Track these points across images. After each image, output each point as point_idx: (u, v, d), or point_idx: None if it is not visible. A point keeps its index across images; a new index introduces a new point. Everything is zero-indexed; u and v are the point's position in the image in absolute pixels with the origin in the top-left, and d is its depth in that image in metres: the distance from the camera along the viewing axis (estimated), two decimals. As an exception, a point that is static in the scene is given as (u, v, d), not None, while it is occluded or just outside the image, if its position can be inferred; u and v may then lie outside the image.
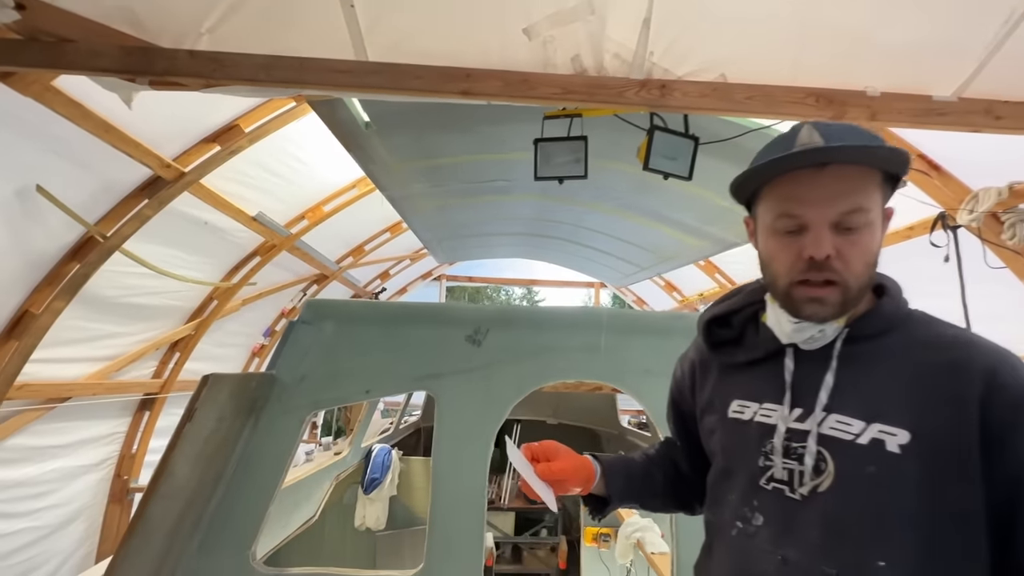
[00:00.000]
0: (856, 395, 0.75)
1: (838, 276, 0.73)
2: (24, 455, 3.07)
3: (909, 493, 0.68)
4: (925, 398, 0.71)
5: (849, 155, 0.72)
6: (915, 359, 0.74)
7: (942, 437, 0.68)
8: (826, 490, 0.73)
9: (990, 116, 1.70)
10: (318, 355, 1.74)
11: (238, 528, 1.55)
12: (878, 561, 0.68)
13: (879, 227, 0.76)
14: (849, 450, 0.72)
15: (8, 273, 2.56)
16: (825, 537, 0.72)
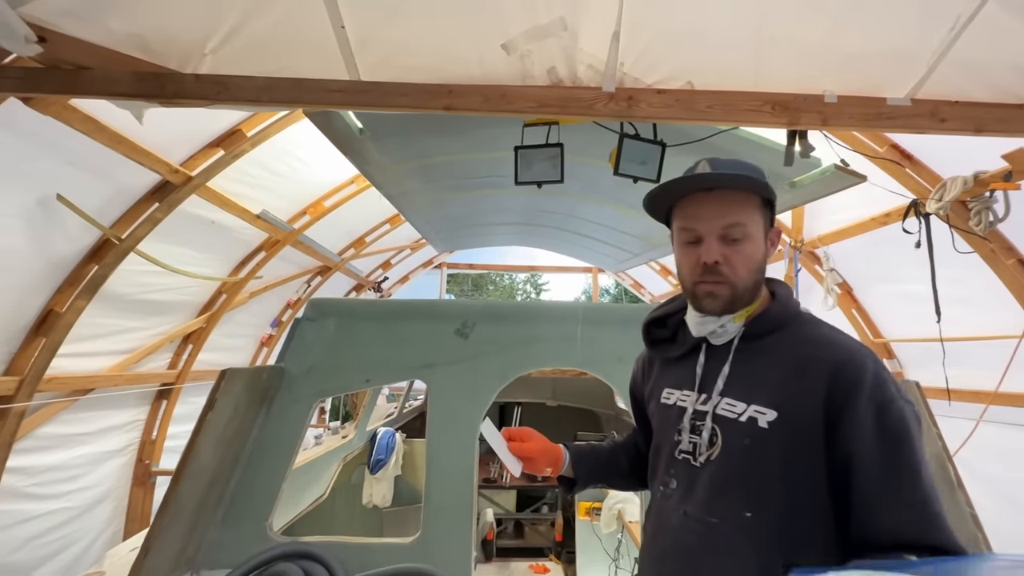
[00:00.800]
0: (742, 382, 0.94)
1: (725, 278, 0.93)
2: (54, 442, 3.31)
3: (773, 461, 0.86)
4: (790, 385, 0.88)
5: (722, 181, 0.94)
6: (789, 354, 0.92)
7: (798, 417, 0.86)
8: (715, 458, 0.92)
9: (935, 118, 1.83)
10: (322, 349, 1.92)
11: (256, 503, 1.76)
12: (746, 512, 0.87)
13: (760, 240, 0.95)
14: (732, 426, 0.91)
15: (33, 275, 2.75)
16: (711, 494, 0.91)
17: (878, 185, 3.05)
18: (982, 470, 3.21)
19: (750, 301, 0.97)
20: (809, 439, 0.84)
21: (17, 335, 2.82)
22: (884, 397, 0.82)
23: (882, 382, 0.84)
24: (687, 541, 0.93)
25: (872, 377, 0.83)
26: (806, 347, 0.91)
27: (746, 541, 0.86)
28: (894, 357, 4.18)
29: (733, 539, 0.87)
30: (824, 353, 0.88)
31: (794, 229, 4.37)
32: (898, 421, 0.81)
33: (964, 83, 1.88)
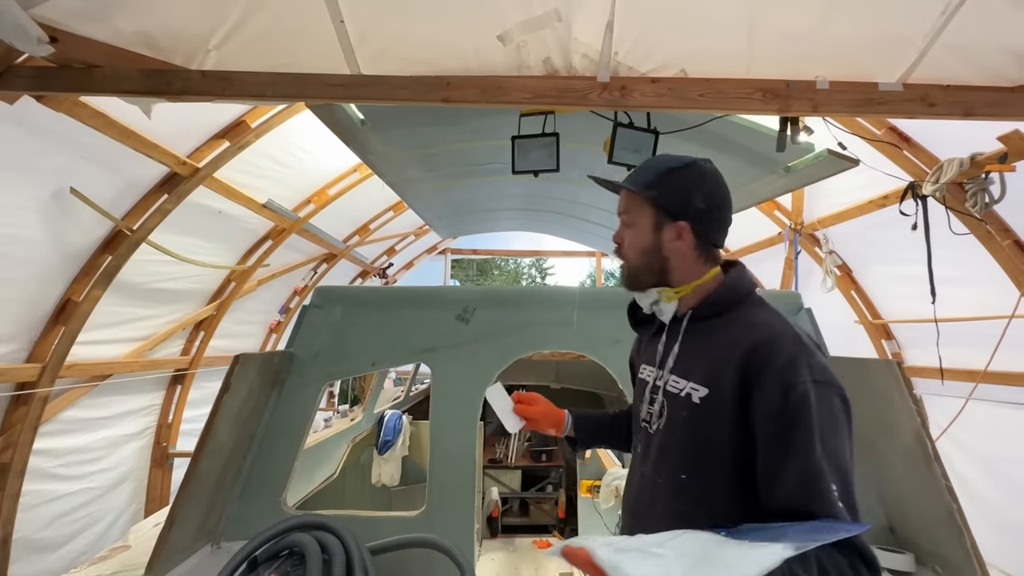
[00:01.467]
0: (685, 361, 1.06)
1: (623, 255, 1.13)
2: (77, 426, 3.46)
3: (703, 432, 0.97)
4: (718, 365, 0.97)
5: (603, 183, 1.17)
6: (726, 335, 1.00)
7: (721, 394, 0.95)
8: (662, 427, 1.06)
9: (924, 103, 1.86)
10: (329, 334, 2.01)
11: (270, 479, 1.87)
12: (682, 475, 1.00)
13: (646, 230, 1.10)
14: (675, 400, 1.03)
15: (51, 266, 2.86)
16: (658, 457, 1.05)
17: (875, 168, 3.07)
18: (972, 446, 3.29)
19: (650, 282, 1.11)
20: (729, 414, 0.93)
21: (37, 324, 2.94)
22: (790, 380, 0.87)
23: (792, 365, 0.89)
24: (641, 498, 1.09)
25: (783, 360, 0.90)
26: (738, 329, 0.99)
27: (681, 499, 1.00)
28: (893, 338, 4.23)
29: (671, 497, 1.01)
30: (746, 335, 0.96)
31: (794, 212, 4.40)
32: (797, 402, 0.86)
33: (955, 66, 1.90)
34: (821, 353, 0.95)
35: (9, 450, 2.85)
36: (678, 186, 1.08)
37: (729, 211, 1.12)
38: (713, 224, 1.09)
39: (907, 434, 1.61)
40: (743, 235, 5.42)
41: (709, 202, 1.08)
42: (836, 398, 0.88)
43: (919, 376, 3.90)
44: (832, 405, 0.87)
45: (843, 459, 0.84)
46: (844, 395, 0.90)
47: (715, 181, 1.10)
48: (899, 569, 1.65)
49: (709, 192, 1.08)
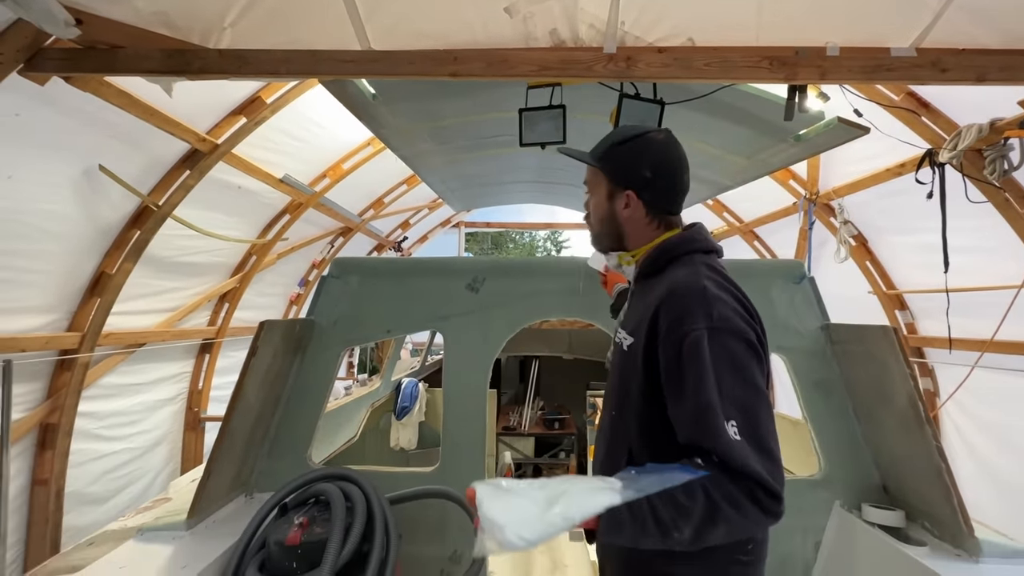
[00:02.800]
0: (628, 314, 1.22)
1: (589, 223, 1.26)
2: (116, 391, 3.69)
3: (625, 376, 1.12)
4: (641, 318, 1.09)
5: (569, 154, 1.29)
6: (651, 292, 1.10)
7: (639, 344, 1.07)
8: (610, 371, 1.24)
9: (936, 69, 1.83)
10: (347, 303, 2.12)
11: (296, 437, 2.02)
12: (612, 411, 1.19)
13: (602, 197, 1.20)
14: (617, 348, 1.19)
15: (85, 240, 3.01)
16: (608, 397, 1.24)
17: (891, 136, 3.01)
18: (980, 414, 3.31)
19: (610, 246, 1.24)
20: (642, 362, 1.05)
21: (75, 295, 3.12)
22: (684, 329, 0.95)
23: (689, 314, 0.96)
24: (605, 433, 1.23)
25: (680, 311, 0.98)
26: (660, 286, 1.08)
27: (612, 436, 1.18)
28: (907, 308, 4.21)
29: (608, 431, 1.20)
30: (660, 289, 1.06)
31: (809, 181, 4.33)
32: (690, 348, 0.93)
33: (971, 29, 1.86)
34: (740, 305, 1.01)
35: (56, 412, 3.08)
36: (626, 157, 1.17)
37: (679, 178, 1.17)
38: (661, 192, 1.17)
39: (902, 398, 1.66)
40: (757, 205, 5.36)
41: (656, 171, 1.15)
42: (737, 341, 0.94)
43: (931, 346, 3.90)
44: (730, 348, 0.93)
45: (746, 397, 0.90)
46: (749, 338, 0.96)
47: (663, 150, 1.16)
48: (889, 524, 1.73)
49: (656, 162, 1.15)
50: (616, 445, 1.15)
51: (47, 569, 1.62)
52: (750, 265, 3.06)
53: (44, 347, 2.96)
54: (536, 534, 0.80)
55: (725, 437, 0.86)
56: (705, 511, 0.84)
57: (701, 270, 1.07)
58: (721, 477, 0.85)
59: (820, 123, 2.32)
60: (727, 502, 0.84)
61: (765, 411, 0.91)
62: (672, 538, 0.85)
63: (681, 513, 0.84)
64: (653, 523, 0.85)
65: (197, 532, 1.64)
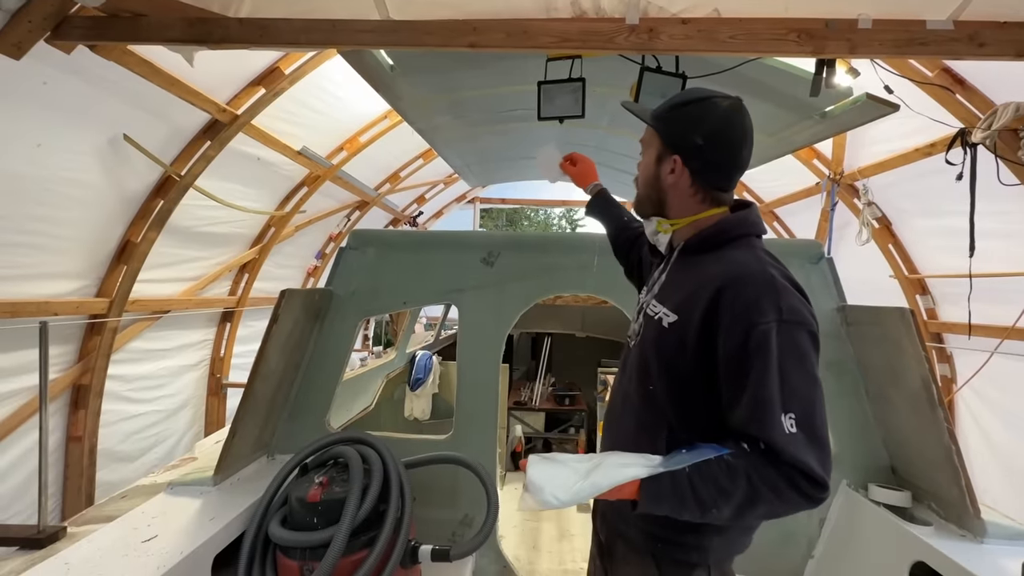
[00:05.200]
0: (667, 289, 1.13)
1: (636, 182, 1.20)
2: (142, 356, 3.84)
3: (667, 353, 1.05)
4: (692, 296, 1.02)
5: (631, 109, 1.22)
6: (704, 271, 1.04)
7: (687, 324, 1.01)
8: (637, 344, 1.16)
9: (973, 43, 1.75)
10: (364, 274, 2.16)
11: (314, 402, 2.09)
12: (649, 386, 1.09)
13: (651, 161, 1.14)
14: (649, 322, 1.12)
15: (111, 209, 3.09)
16: (632, 371, 1.16)
17: (923, 114, 2.91)
18: (998, 401, 3.27)
19: (650, 211, 1.18)
20: (692, 343, 1.00)
21: (103, 262, 3.22)
22: (753, 320, 0.92)
23: (757, 306, 0.93)
24: (614, 406, 1.22)
25: (748, 300, 0.94)
26: (717, 267, 1.02)
27: (645, 408, 1.10)
28: (928, 293, 4.13)
29: (638, 406, 1.12)
30: (721, 273, 0.99)
31: (833, 161, 4.22)
32: (758, 341, 0.91)
33: (1014, 1, 1.77)
34: (801, 296, 0.98)
35: (88, 373, 3.22)
36: (682, 120, 1.08)
37: (735, 153, 1.07)
38: (711, 164, 1.07)
39: (915, 379, 1.66)
40: (779, 185, 5.25)
41: (709, 140, 1.05)
42: (803, 334, 0.93)
43: (950, 332, 3.83)
44: (797, 341, 0.91)
45: (807, 389, 0.90)
46: (812, 330, 0.94)
47: (722, 119, 1.06)
48: (896, 505, 1.75)
49: (711, 130, 1.05)
50: (652, 419, 1.08)
51: (85, 518, 1.73)
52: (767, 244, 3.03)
53: (75, 312, 3.08)
54: (569, 496, 0.92)
55: (780, 430, 0.87)
56: (746, 495, 0.88)
57: (763, 256, 1.03)
58: (767, 464, 0.87)
59: (848, 99, 2.25)
60: (768, 487, 0.87)
61: (820, 400, 0.91)
62: (711, 514, 0.90)
63: (722, 494, 0.89)
64: (693, 500, 0.90)
65: (223, 488, 1.73)
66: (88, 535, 1.40)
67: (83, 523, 1.66)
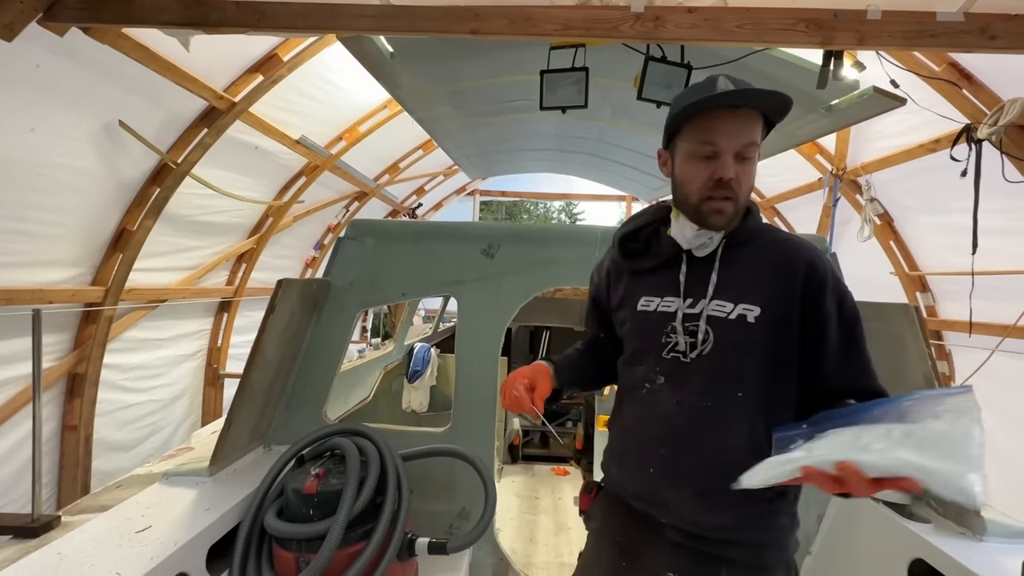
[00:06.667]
0: (729, 286, 1.04)
1: (734, 194, 0.99)
2: (138, 345, 3.81)
3: (759, 348, 1.01)
4: (771, 284, 1.02)
5: (755, 98, 0.97)
6: (765, 258, 1.04)
7: (779, 310, 1.00)
8: (707, 353, 1.03)
9: (984, 36, 1.73)
10: (362, 265, 2.13)
11: (312, 393, 2.07)
12: (738, 393, 1.01)
13: (757, 161, 1.02)
14: (723, 324, 1.02)
15: (106, 196, 3.05)
16: (705, 383, 1.03)
17: (929, 109, 2.88)
18: (996, 399, 3.27)
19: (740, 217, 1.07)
20: (787, 326, 1.00)
21: (99, 250, 3.19)
22: (842, 290, 1.02)
23: (837, 278, 1.03)
24: (680, 423, 1.05)
25: (832, 274, 1.02)
26: (778, 251, 1.05)
27: (740, 416, 1.02)
28: (928, 291, 4.12)
29: (727, 415, 1.02)
30: (796, 256, 1.03)
31: (837, 156, 4.19)
32: (852, 308, 1.02)
33: (1027, -7, 1.74)
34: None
35: (83, 362, 3.19)
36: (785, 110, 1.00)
37: None
38: None
39: (917, 376, 1.65)
40: (781, 180, 5.21)
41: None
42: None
43: (950, 329, 3.82)
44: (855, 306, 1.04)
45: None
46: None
47: None
48: (895, 502, 1.75)
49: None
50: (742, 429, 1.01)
51: (79, 507, 1.72)
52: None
53: (70, 300, 3.05)
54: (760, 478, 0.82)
55: (879, 381, 1.00)
56: None
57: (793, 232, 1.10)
58: None
59: (854, 93, 2.22)
60: None
61: None
62: None
63: None
64: None
65: (219, 479, 1.71)
66: (82, 524, 1.39)
67: (77, 512, 1.64)
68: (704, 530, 1.04)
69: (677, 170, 1.07)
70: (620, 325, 1.19)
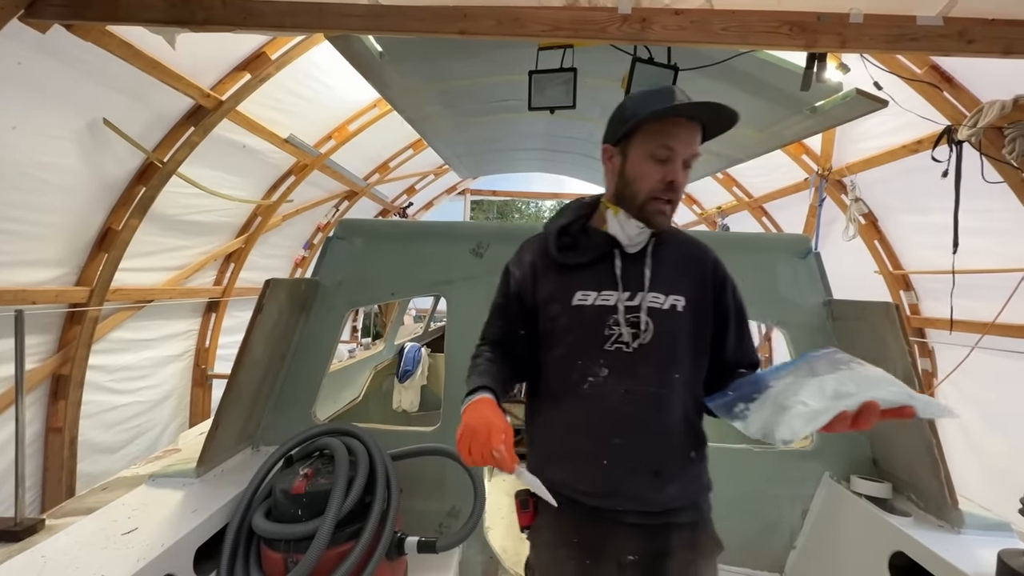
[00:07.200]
0: (660, 279, 1.14)
1: (676, 197, 1.10)
2: (124, 346, 3.77)
3: (687, 333, 1.14)
4: (689, 277, 1.17)
5: (714, 112, 1.05)
6: (681, 255, 1.20)
7: (698, 300, 1.15)
8: (648, 341, 1.11)
9: (962, 40, 1.76)
10: (351, 265, 2.13)
11: (301, 393, 2.07)
12: (675, 375, 1.12)
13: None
14: (660, 313, 1.12)
15: (91, 195, 3.01)
16: (649, 370, 1.11)
17: (911, 111, 2.94)
18: (976, 396, 3.34)
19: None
20: (705, 313, 1.17)
21: (83, 250, 3.15)
22: (734, 282, 1.22)
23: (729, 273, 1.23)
24: (631, 412, 1.10)
25: (727, 269, 1.22)
26: (689, 250, 1.22)
27: (677, 396, 1.12)
28: (912, 289, 4.19)
29: (670, 398, 1.11)
30: (704, 253, 1.22)
31: (822, 156, 4.25)
32: (740, 297, 1.22)
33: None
34: None
35: (68, 363, 3.15)
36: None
37: None
38: None
39: (898, 373, 1.67)
40: (768, 180, 5.27)
41: None
42: None
43: (932, 327, 3.90)
44: None
45: None
46: None
47: None
48: (876, 496, 1.78)
49: None
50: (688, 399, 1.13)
51: (64, 510, 1.70)
52: (756, 238, 3.04)
53: (54, 300, 3.01)
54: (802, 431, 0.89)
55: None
56: None
57: None
58: None
59: (837, 95, 2.26)
60: None
61: None
62: None
63: None
64: None
65: (206, 480, 1.71)
66: (66, 527, 1.38)
67: (62, 515, 1.62)
68: (657, 506, 1.11)
69: (629, 168, 1.11)
70: (551, 320, 1.17)
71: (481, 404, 1.05)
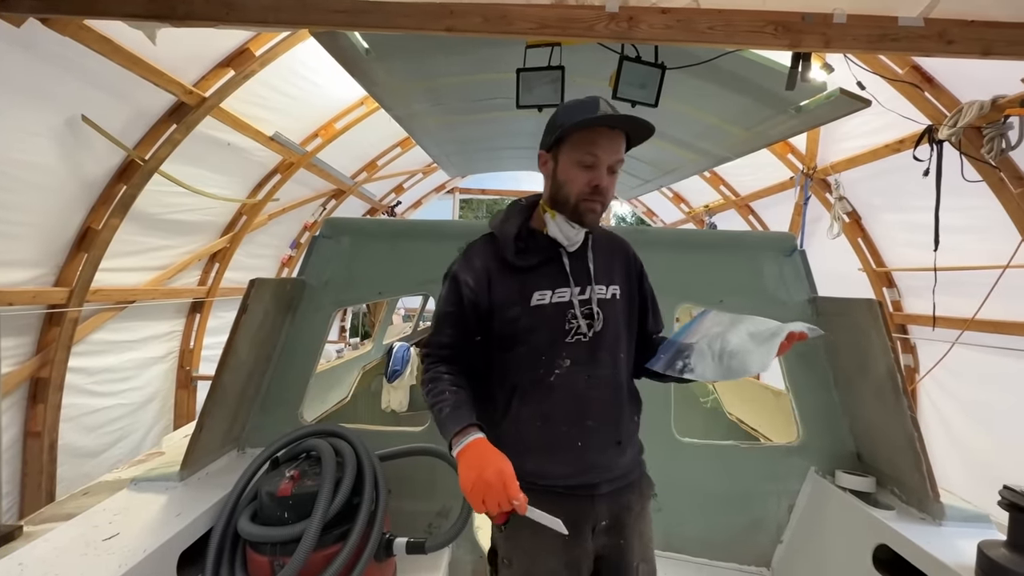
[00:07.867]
0: (600, 272, 1.28)
1: (605, 199, 1.19)
2: (106, 347, 3.69)
3: (625, 318, 1.30)
4: (618, 268, 1.32)
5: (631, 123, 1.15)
6: (608, 248, 1.33)
7: (627, 286, 1.32)
8: (600, 329, 1.24)
9: (942, 41, 1.79)
10: (338, 264, 2.11)
11: (287, 394, 2.04)
12: (621, 355, 1.28)
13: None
14: (606, 303, 1.26)
15: (69, 194, 2.94)
16: (604, 354, 1.25)
17: (893, 111, 2.98)
18: (957, 391, 3.41)
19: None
20: (632, 296, 1.33)
21: (62, 250, 3.07)
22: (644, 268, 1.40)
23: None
24: (595, 395, 1.23)
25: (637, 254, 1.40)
26: (613, 243, 1.36)
27: (623, 372, 1.29)
28: (894, 286, 4.26)
29: (620, 376, 1.28)
30: (624, 245, 1.39)
31: (807, 155, 4.30)
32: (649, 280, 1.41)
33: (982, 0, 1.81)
34: None
35: (47, 366, 3.08)
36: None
37: None
38: None
39: (881, 369, 1.71)
40: (755, 179, 5.33)
41: None
42: None
43: (915, 323, 3.97)
44: None
45: None
46: None
47: None
48: (860, 490, 1.81)
49: None
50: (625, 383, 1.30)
51: (43, 516, 1.66)
52: (741, 236, 3.07)
53: (32, 301, 2.93)
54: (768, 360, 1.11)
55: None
56: None
57: None
58: None
59: (822, 94, 2.28)
60: None
61: None
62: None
63: None
64: None
65: (190, 483, 1.67)
66: (45, 534, 1.34)
67: (41, 521, 1.59)
68: (620, 471, 1.26)
69: (560, 173, 1.21)
70: (510, 322, 1.21)
71: (479, 448, 1.06)
